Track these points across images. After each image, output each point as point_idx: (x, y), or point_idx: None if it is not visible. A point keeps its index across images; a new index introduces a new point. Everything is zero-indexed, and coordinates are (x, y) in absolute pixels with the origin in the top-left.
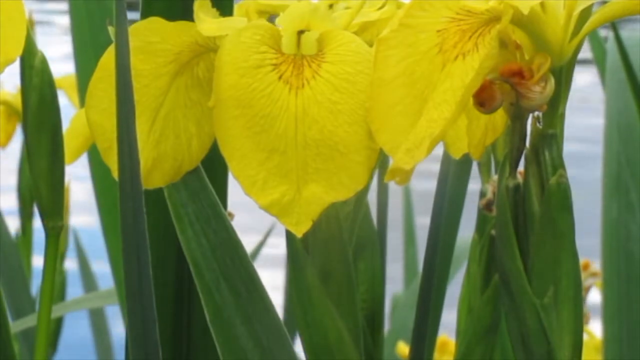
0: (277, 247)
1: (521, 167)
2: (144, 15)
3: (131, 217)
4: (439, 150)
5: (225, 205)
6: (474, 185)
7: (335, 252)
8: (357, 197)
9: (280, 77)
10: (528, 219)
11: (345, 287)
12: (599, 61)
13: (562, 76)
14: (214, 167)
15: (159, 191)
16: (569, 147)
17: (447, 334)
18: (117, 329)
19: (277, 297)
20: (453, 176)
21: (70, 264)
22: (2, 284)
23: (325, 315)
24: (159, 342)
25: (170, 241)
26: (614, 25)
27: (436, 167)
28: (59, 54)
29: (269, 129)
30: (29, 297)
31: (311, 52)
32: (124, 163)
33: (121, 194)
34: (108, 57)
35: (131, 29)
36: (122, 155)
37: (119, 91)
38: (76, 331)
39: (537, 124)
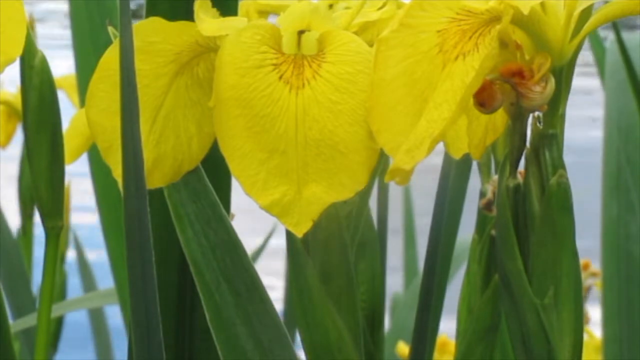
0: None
1: (521, 167)
2: (148, 16)
3: (135, 217)
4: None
5: (228, 207)
6: (474, 185)
7: (335, 252)
8: (360, 198)
9: (280, 77)
10: (528, 219)
11: (346, 287)
12: (599, 61)
13: (563, 76)
14: (218, 168)
15: (161, 192)
16: None
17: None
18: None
19: (276, 297)
20: (453, 176)
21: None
22: (3, 282)
23: (325, 315)
24: (162, 342)
25: (173, 242)
26: (615, 26)
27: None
28: None
29: (269, 129)
30: (30, 295)
31: (311, 52)
32: (129, 163)
33: (125, 194)
34: (108, 57)
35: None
36: (127, 155)
37: (123, 91)
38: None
39: (537, 124)
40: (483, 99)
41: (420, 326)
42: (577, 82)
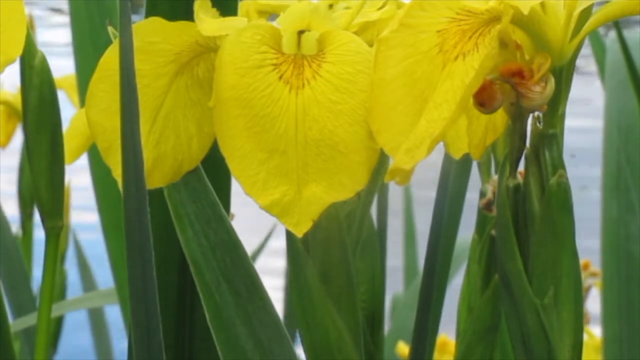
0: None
1: (521, 167)
2: (148, 16)
3: (135, 218)
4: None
5: (228, 207)
6: (474, 185)
7: (335, 252)
8: (364, 199)
9: (280, 77)
10: (528, 219)
11: (346, 287)
12: (599, 61)
13: (563, 76)
14: (218, 168)
15: (161, 192)
16: None
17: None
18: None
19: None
20: (453, 176)
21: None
22: (3, 282)
23: (325, 315)
24: (162, 342)
25: (173, 242)
26: (617, 25)
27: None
28: None
29: (269, 129)
30: (30, 295)
31: (311, 52)
32: (128, 163)
33: (125, 194)
34: (108, 57)
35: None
36: (126, 155)
37: (123, 91)
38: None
39: (537, 124)
40: (483, 99)
41: (420, 326)
42: None
